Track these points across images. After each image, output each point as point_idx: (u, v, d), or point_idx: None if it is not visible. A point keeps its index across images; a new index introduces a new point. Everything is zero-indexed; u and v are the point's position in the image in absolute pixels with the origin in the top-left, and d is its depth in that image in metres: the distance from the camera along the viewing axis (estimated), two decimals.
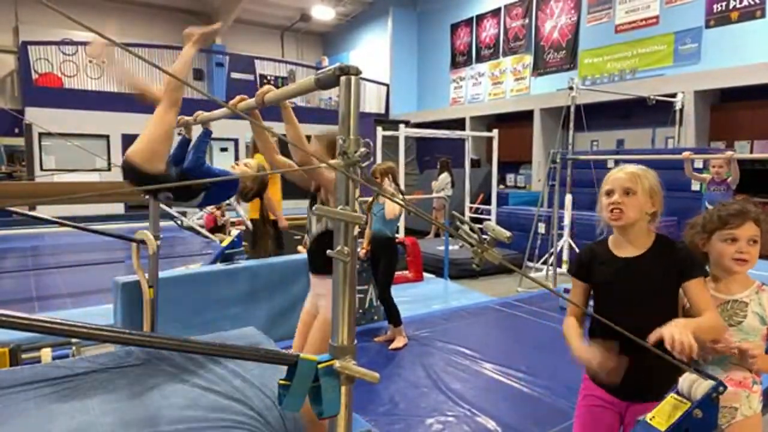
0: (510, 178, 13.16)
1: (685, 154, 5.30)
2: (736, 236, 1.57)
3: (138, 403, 1.98)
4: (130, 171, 2.27)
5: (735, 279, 1.61)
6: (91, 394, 2.01)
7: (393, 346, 3.87)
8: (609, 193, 1.65)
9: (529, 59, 12.23)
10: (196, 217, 8.84)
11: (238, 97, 2.29)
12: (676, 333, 1.33)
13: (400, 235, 7.88)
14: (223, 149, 13.67)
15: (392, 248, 4.12)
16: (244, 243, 4.56)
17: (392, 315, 3.98)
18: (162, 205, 3.84)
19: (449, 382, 3.26)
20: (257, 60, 15.12)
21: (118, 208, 12.00)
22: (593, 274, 1.71)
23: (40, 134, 11.56)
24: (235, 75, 14.54)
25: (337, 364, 1.21)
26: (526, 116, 11.78)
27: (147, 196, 2.76)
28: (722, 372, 1.60)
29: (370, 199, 2.52)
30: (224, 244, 4.67)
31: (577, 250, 6.40)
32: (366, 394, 3.01)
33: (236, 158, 13.25)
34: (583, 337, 1.70)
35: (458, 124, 13.12)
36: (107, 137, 12.36)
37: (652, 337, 1.38)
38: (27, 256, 7.35)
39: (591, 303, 1.80)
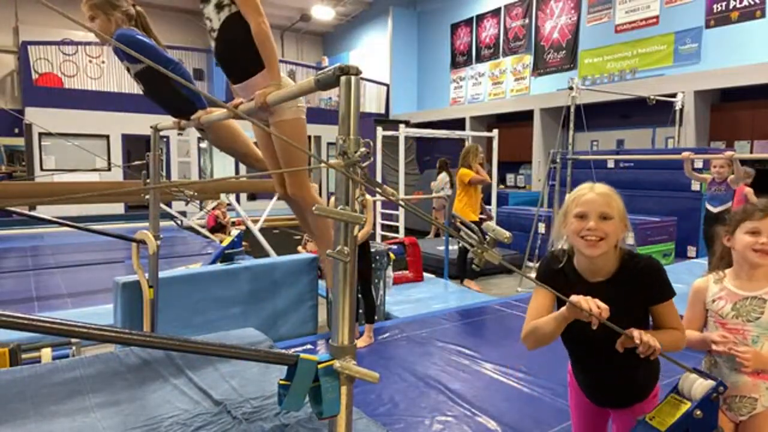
0: (510, 178, 13.17)
1: (685, 154, 5.30)
2: (758, 228, 1.59)
3: (138, 405, 1.98)
4: None
5: (756, 275, 1.63)
6: (91, 395, 2.01)
7: (360, 344, 3.83)
8: (582, 217, 1.50)
9: (529, 59, 12.23)
10: (196, 217, 8.85)
11: (236, 100, 2.29)
12: (644, 335, 1.38)
13: (400, 235, 7.89)
14: None
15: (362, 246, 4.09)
16: (244, 243, 4.56)
17: (371, 312, 3.99)
18: (162, 205, 3.84)
19: (449, 382, 3.26)
20: None
21: (118, 208, 12.00)
22: (561, 292, 1.58)
23: (40, 134, 11.57)
24: None
25: (337, 364, 1.21)
26: (526, 116, 11.79)
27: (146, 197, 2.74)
28: (738, 364, 1.60)
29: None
30: (224, 244, 4.68)
31: None
32: (366, 394, 3.01)
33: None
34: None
35: (458, 124, 13.12)
36: (107, 137, 12.37)
37: (621, 339, 1.42)
38: (27, 256, 7.34)
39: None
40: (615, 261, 1.55)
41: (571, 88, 6.25)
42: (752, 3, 8.21)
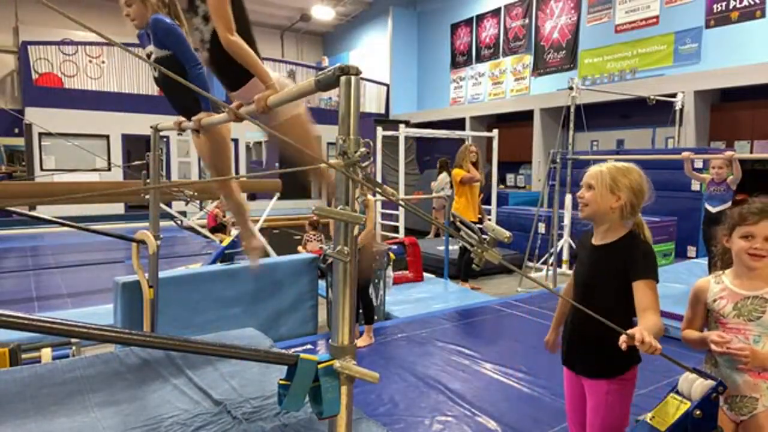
0: (510, 178, 13.16)
1: (685, 154, 5.30)
2: (752, 233, 1.60)
3: (138, 405, 1.98)
4: None
5: (758, 275, 1.63)
6: (91, 395, 2.01)
7: (359, 344, 3.85)
8: (580, 188, 1.84)
9: (529, 59, 12.23)
10: (196, 217, 8.85)
11: (236, 102, 2.29)
12: (646, 335, 1.42)
13: (400, 235, 7.89)
14: None
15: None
16: (244, 243, 4.55)
17: (369, 313, 4.00)
18: (162, 205, 3.83)
19: (449, 382, 3.26)
20: None
21: (118, 208, 12.00)
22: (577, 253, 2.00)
23: (40, 134, 11.57)
24: None
25: (337, 364, 1.21)
26: (526, 116, 11.78)
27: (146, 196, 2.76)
28: (738, 362, 1.61)
29: None
30: (224, 244, 4.68)
31: None
32: (366, 394, 3.01)
33: (235, 158, 13.25)
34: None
35: (458, 124, 13.12)
36: (107, 137, 12.37)
37: (623, 337, 1.45)
38: (27, 256, 7.34)
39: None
40: (617, 232, 1.77)
41: (571, 88, 6.25)
42: (752, 3, 8.21)
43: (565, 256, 6.64)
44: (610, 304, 1.71)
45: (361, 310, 3.97)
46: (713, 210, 4.94)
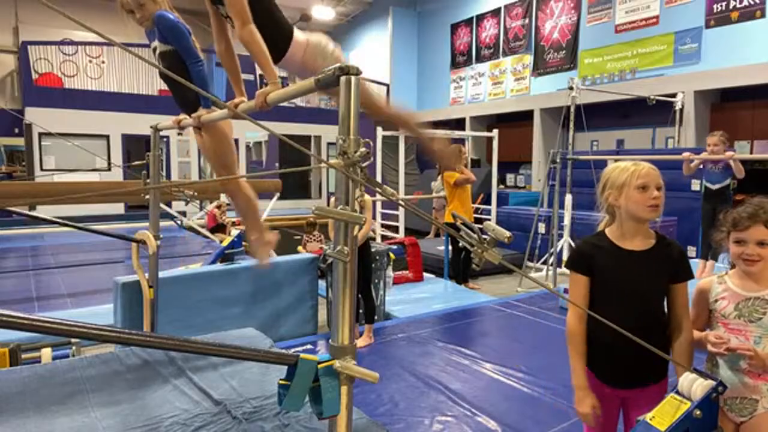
0: (510, 178, 13.16)
1: (686, 154, 5.30)
2: (743, 239, 1.60)
3: (138, 405, 1.98)
4: None
5: (760, 276, 1.63)
6: (91, 395, 2.01)
7: (359, 344, 3.84)
8: (644, 188, 1.67)
9: (529, 59, 12.22)
10: (196, 217, 8.85)
11: (237, 99, 2.30)
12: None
13: (400, 235, 7.89)
14: None
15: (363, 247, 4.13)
16: (244, 243, 4.56)
17: (370, 312, 4.00)
18: (162, 205, 3.83)
19: (449, 382, 3.26)
20: None
21: (118, 208, 11.99)
22: (596, 266, 1.73)
23: (40, 134, 11.56)
24: None
25: (337, 364, 1.21)
26: (526, 116, 11.78)
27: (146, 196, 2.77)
28: (742, 364, 1.61)
29: None
30: (224, 244, 4.69)
31: None
32: (366, 394, 3.01)
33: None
34: (585, 352, 1.73)
35: (458, 124, 13.12)
36: (107, 137, 12.37)
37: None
38: (27, 256, 7.34)
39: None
40: (650, 233, 1.73)
41: (571, 88, 6.25)
42: (752, 3, 8.21)
43: (565, 256, 6.64)
44: (662, 307, 1.72)
45: (361, 310, 3.97)
46: (713, 187, 5.06)
